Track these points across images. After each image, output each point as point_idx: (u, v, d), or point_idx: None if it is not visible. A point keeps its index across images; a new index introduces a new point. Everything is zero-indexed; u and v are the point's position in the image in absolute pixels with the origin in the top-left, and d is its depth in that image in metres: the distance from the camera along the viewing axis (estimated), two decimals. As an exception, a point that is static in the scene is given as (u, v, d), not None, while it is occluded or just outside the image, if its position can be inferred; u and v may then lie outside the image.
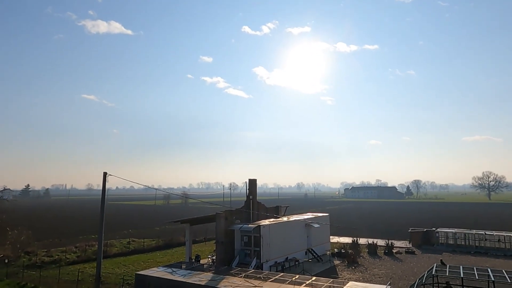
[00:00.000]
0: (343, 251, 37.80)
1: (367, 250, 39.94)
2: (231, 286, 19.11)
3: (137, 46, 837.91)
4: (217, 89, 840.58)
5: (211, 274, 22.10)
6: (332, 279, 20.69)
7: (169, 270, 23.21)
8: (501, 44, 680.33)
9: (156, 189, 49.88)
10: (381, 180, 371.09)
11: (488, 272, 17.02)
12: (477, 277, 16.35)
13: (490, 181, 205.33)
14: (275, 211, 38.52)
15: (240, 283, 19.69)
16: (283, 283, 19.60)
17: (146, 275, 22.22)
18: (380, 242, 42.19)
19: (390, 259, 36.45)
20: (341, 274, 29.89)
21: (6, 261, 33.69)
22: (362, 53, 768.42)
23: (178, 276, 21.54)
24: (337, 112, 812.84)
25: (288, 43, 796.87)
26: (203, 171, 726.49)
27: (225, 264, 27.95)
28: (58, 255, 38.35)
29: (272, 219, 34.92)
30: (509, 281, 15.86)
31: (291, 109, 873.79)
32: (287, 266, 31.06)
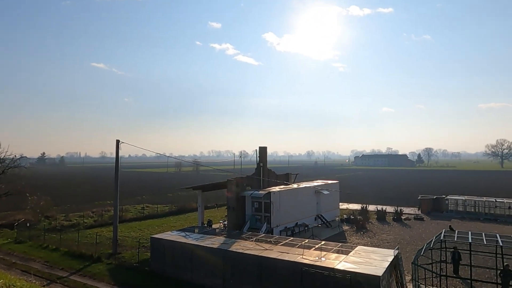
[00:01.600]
0: (352, 217, 38.43)
1: (376, 216, 40.50)
2: (243, 249, 19.75)
3: (144, 11, 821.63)
4: (226, 56, 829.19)
5: (223, 238, 22.81)
6: (340, 244, 21.17)
7: (183, 234, 24.01)
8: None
9: (168, 156, 50.64)
10: (392, 148, 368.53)
11: (497, 237, 17.17)
12: (485, 242, 16.54)
13: (504, 149, 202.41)
14: (285, 178, 38.94)
15: (251, 246, 20.32)
16: (293, 246, 20.15)
17: (161, 238, 23.06)
18: (389, 209, 42.64)
19: (398, 225, 36.97)
20: (349, 239, 30.57)
21: (28, 224, 35.26)
22: (376, 17, 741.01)
23: (191, 239, 22.30)
24: (349, 79, 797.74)
25: (299, 7, 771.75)
26: (213, 139, 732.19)
27: (236, 229, 28.77)
28: (76, 220, 39.96)
29: (282, 186, 35.40)
30: (517, 246, 16.04)
31: (302, 76, 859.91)
32: (296, 231, 31.84)
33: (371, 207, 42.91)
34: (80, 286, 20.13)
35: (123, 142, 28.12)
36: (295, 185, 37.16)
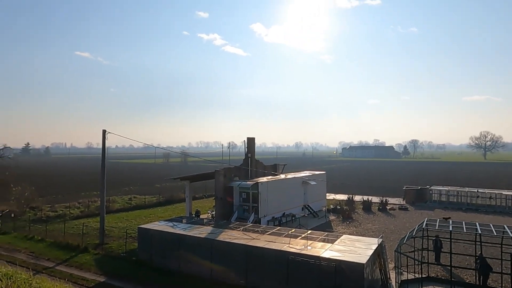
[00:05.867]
0: (339, 207, 39.04)
1: (361, 206, 41.20)
2: (230, 238, 19.94)
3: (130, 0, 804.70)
4: (214, 46, 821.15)
5: (211, 227, 22.96)
6: (327, 233, 21.55)
7: (170, 224, 24.07)
8: (505, 2, 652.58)
9: (156, 147, 50.27)
10: (379, 140, 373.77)
11: (476, 226, 17.75)
12: (465, 230, 17.07)
13: (487, 141, 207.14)
14: (273, 169, 39.21)
15: (239, 235, 20.53)
16: (280, 236, 20.45)
17: (148, 229, 23.08)
18: (375, 199, 43.40)
19: (383, 215, 37.73)
20: (336, 228, 31.11)
21: (12, 215, 34.78)
22: (364, 8, 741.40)
23: (179, 229, 22.39)
24: (336, 71, 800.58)
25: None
26: (202, 130, 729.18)
27: (224, 219, 28.96)
28: (62, 210, 39.56)
29: (270, 177, 35.65)
30: (495, 234, 16.60)
31: (290, 68, 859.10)
32: (284, 221, 32.19)
33: (357, 198, 43.60)
34: (67, 276, 20.06)
35: (109, 133, 27.84)
36: (282, 176, 37.45)
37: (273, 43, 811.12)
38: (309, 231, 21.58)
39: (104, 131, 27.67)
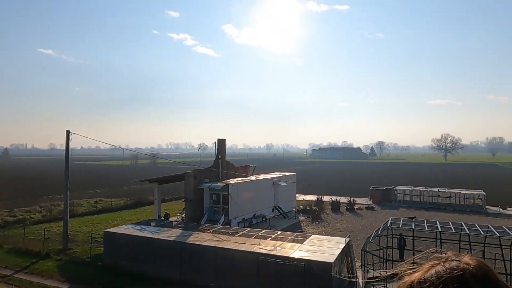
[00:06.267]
0: (308, 208, 39.67)
1: (330, 207, 42.06)
2: (200, 240, 19.76)
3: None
4: (185, 46, 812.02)
5: (180, 230, 22.65)
6: (296, 233, 21.85)
7: (138, 227, 23.50)
8: (468, 7, 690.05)
9: (123, 148, 48.97)
10: (347, 142, 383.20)
11: (437, 224, 18.65)
12: (426, 228, 17.90)
13: (447, 143, 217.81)
14: (244, 171, 39.27)
15: (209, 238, 20.38)
16: (250, 237, 20.50)
17: (115, 232, 22.42)
18: (343, 199, 44.44)
19: (351, 215, 38.73)
20: (305, 229, 31.58)
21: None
22: (333, 13, 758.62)
23: (147, 232, 21.92)
24: (307, 73, 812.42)
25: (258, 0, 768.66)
26: (172, 131, 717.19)
27: (194, 221, 28.63)
28: (22, 215, 37.55)
29: (240, 178, 35.67)
30: (454, 231, 17.53)
31: (262, 69, 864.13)
32: (254, 223, 32.31)
33: (326, 198, 44.47)
34: (26, 284, 19.10)
35: (74, 133, 26.84)
36: (253, 177, 37.59)
37: (244, 45, 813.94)
38: (279, 232, 21.79)
39: (68, 132, 26.63)
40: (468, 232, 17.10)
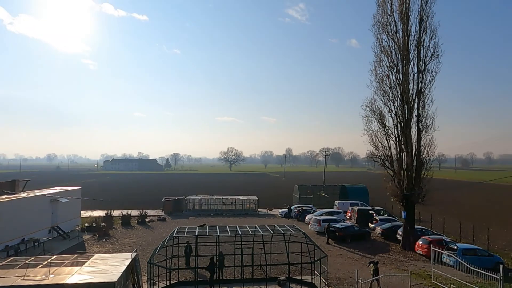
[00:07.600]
0: (95, 225, 36.37)
1: (120, 221, 40.03)
2: None
3: None
4: None
5: None
6: (76, 255, 19.53)
7: None
8: (262, 33, 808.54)
9: None
10: (143, 153, 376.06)
11: (216, 228, 20.74)
12: (207, 234, 19.59)
13: (232, 156, 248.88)
14: (10, 187, 32.34)
15: None
16: (13, 268, 16.87)
17: None
18: (135, 212, 43.21)
19: (142, 228, 38.06)
20: (89, 249, 28.77)
21: None
22: (131, 21, 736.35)
23: None
24: (101, 79, 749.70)
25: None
26: None
27: None
28: None
29: (4, 196, 29.10)
30: (230, 233, 19.95)
31: (41, 67, 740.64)
32: (23, 249, 26.93)
33: (116, 212, 42.08)
34: None
35: None
36: (23, 194, 31.44)
37: (19, 34, 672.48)
38: (54, 256, 18.91)
39: None
40: (240, 234, 19.79)
